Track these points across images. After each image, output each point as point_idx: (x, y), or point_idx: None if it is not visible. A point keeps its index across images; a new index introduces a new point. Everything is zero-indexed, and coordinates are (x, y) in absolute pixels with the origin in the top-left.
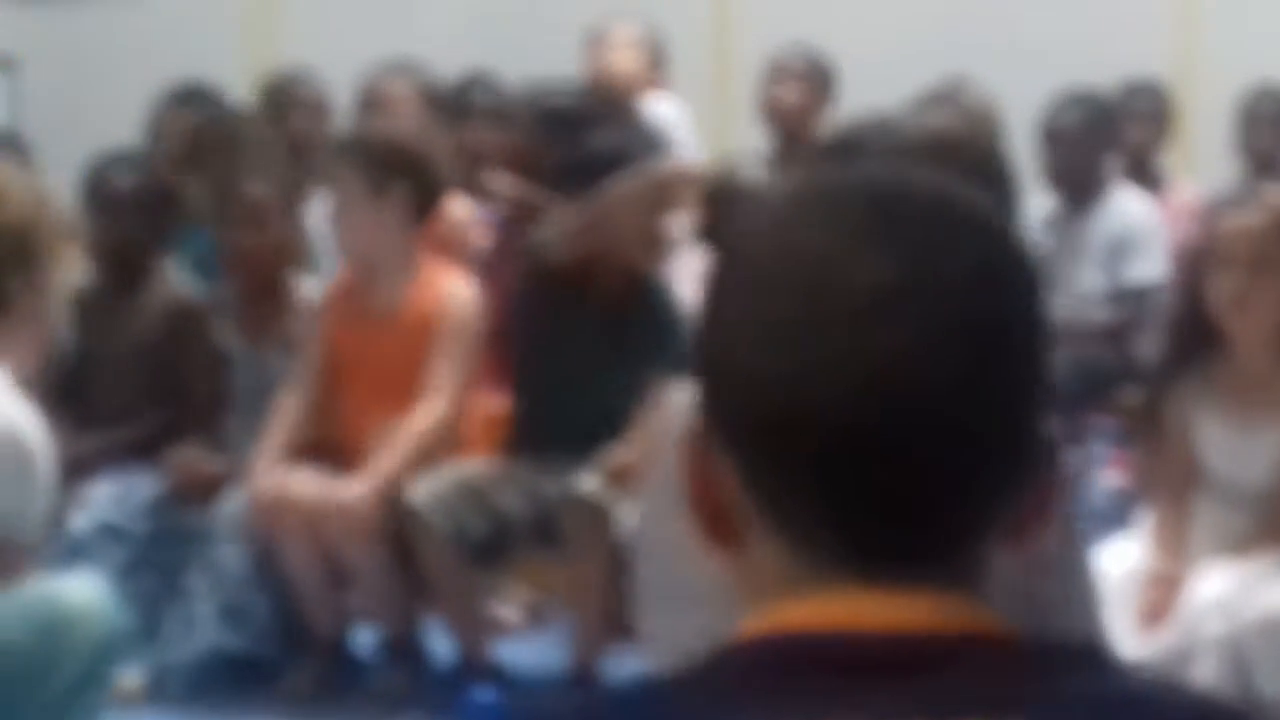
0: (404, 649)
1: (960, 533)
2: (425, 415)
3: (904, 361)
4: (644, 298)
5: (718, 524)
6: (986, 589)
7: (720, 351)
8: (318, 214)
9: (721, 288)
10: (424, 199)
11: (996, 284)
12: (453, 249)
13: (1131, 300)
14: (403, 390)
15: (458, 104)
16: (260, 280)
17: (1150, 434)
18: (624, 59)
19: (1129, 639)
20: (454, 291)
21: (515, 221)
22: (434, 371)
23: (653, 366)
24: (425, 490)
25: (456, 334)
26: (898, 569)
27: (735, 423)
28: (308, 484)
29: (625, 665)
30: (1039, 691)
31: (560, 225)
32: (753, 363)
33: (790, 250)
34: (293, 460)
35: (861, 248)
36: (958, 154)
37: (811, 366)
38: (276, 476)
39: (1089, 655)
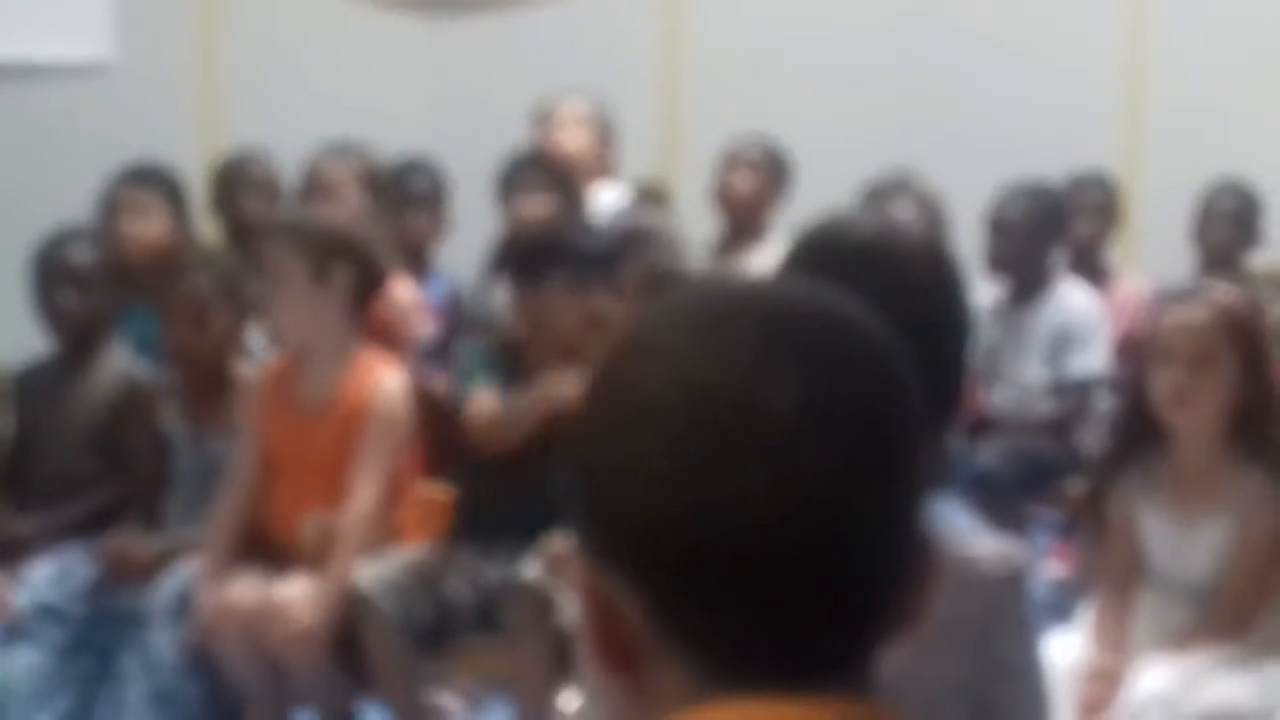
0: None
1: (864, 637)
2: (350, 514)
3: (816, 488)
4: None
5: (614, 648)
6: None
7: (615, 489)
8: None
9: (606, 418)
10: (364, 285)
11: (891, 396)
12: (395, 334)
13: (1073, 392)
14: (333, 483)
15: (397, 187)
16: (203, 371)
17: (1093, 527)
18: (573, 136)
19: None
20: (385, 384)
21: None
22: (358, 467)
23: None
24: (373, 576)
25: (382, 428)
26: (803, 677)
27: (638, 555)
28: (248, 591)
29: None
30: None
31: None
32: (661, 501)
33: (684, 381)
34: (230, 557)
35: (758, 377)
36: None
37: (725, 502)
38: (218, 590)
39: None
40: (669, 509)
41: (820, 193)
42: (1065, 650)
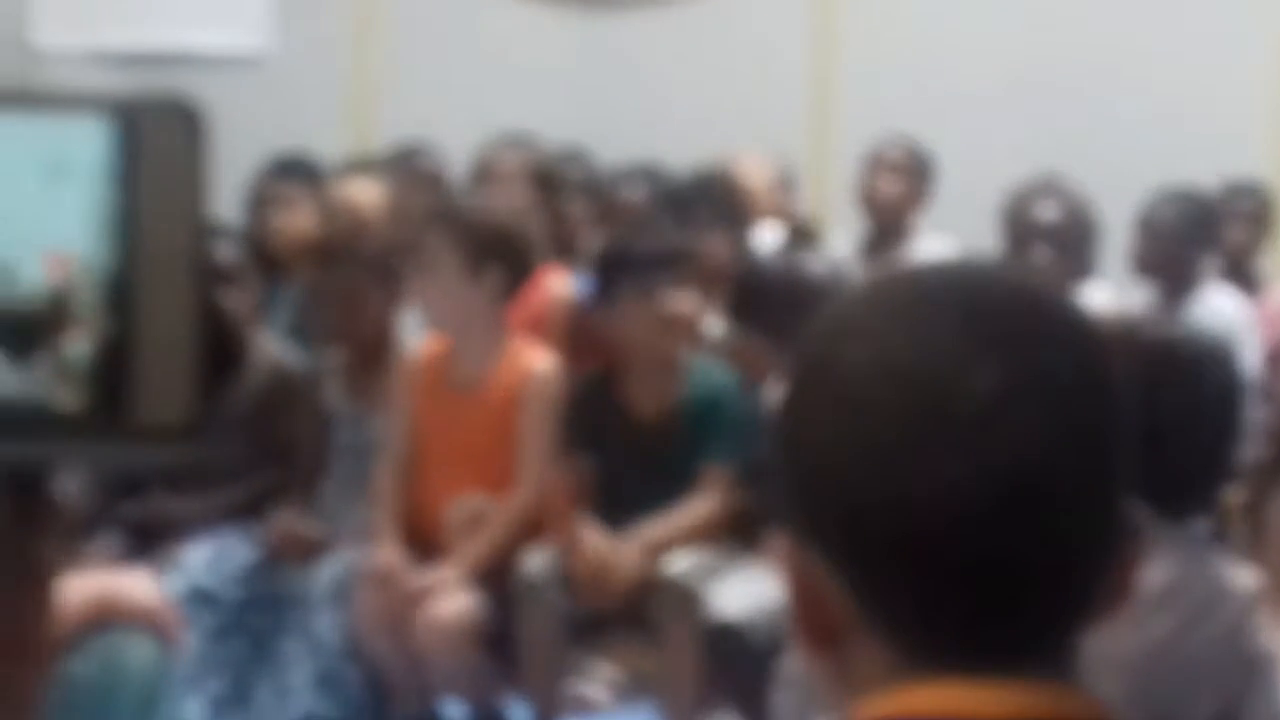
0: None
1: (1065, 621)
2: (515, 505)
3: (1019, 469)
4: (685, 398)
5: (817, 625)
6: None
7: (823, 472)
8: None
9: (813, 403)
10: (516, 279)
11: (1093, 378)
12: (547, 324)
13: None
14: (484, 466)
15: (555, 178)
16: (361, 352)
17: (1250, 536)
18: (753, 184)
19: None
20: (539, 368)
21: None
22: (524, 454)
23: (705, 455)
24: (539, 563)
25: (540, 413)
26: (1008, 660)
27: (843, 536)
28: (405, 575)
29: None
30: None
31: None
32: (863, 483)
33: (888, 366)
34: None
35: (961, 358)
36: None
37: (929, 487)
38: (388, 555)
39: None
40: (871, 491)
41: (966, 196)
42: None
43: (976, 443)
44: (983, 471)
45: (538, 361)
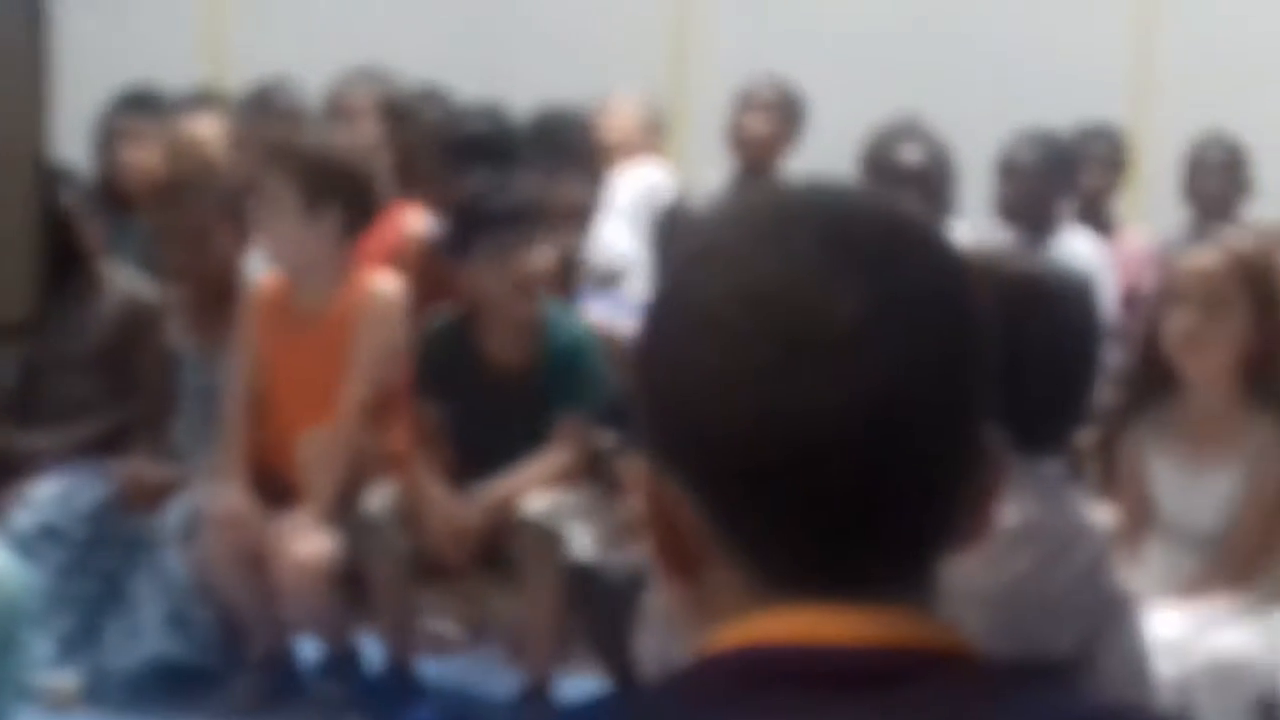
0: (343, 662)
1: (923, 548)
2: (337, 421)
3: (881, 392)
4: (541, 348)
5: (675, 554)
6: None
7: (681, 395)
8: None
9: (672, 328)
10: (357, 216)
11: (954, 298)
12: (400, 261)
13: None
14: (326, 400)
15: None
16: (208, 290)
17: (1103, 475)
18: (623, 126)
19: None
20: (380, 289)
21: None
22: (348, 378)
23: (563, 404)
24: (377, 503)
25: (374, 333)
26: (862, 586)
27: (702, 462)
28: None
29: (574, 685)
30: (1002, 707)
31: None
32: (723, 408)
33: (748, 290)
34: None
35: (823, 282)
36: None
37: (788, 412)
38: (235, 499)
39: (1052, 674)
40: (731, 416)
41: (830, 133)
42: None
43: (837, 367)
44: (843, 396)
45: (379, 283)
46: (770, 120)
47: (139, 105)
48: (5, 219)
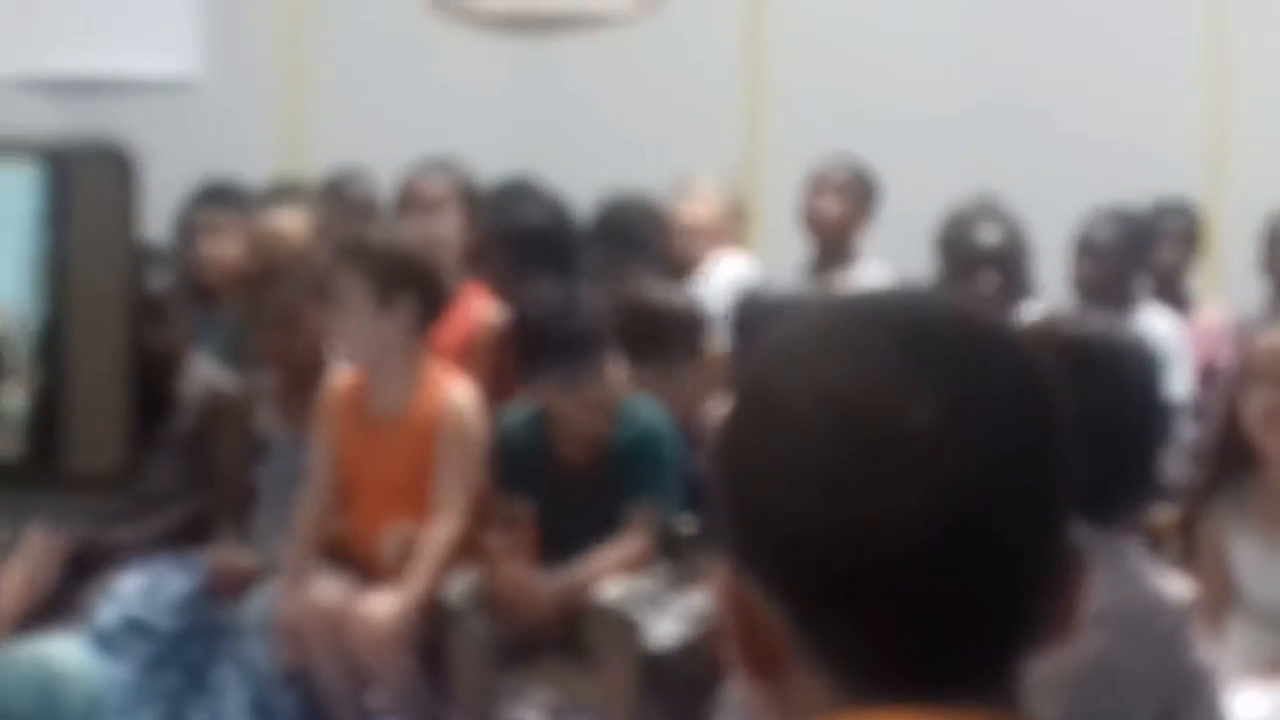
0: None
1: (1008, 650)
2: (439, 531)
3: (959, 496)
4: (615, 442)
5: (755, 655)
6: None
7: (761, 502)
8: None
9: (750, 429)
10: (429, 309)
11: (1032, 399)
12: (473, 349)
13: None
14: (411, 496)
15: (499, 206)
16: (298, 374)
17: (1183, 554)
18: (706, 210)
19: None
20: (454, 398)
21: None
22: (439, 483)
23: (636, 495)
24: (460, 591)
25: (456, 441)
26: (950, 690)
27: (781, 564)
28: (332, 600)
29: None
30: None
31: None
32: (804, 516)
33: (826, 392)
34: (311, 565)
35: (900, 385)
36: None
37: (868, 517)
38: (302, 592)
39: None
40: (809, 521)
41: (905, 214)
42: None
43: (916, 472)
44: (923, 501)
45: (455, 393)
46: (843, 202)
47: (218, 198)
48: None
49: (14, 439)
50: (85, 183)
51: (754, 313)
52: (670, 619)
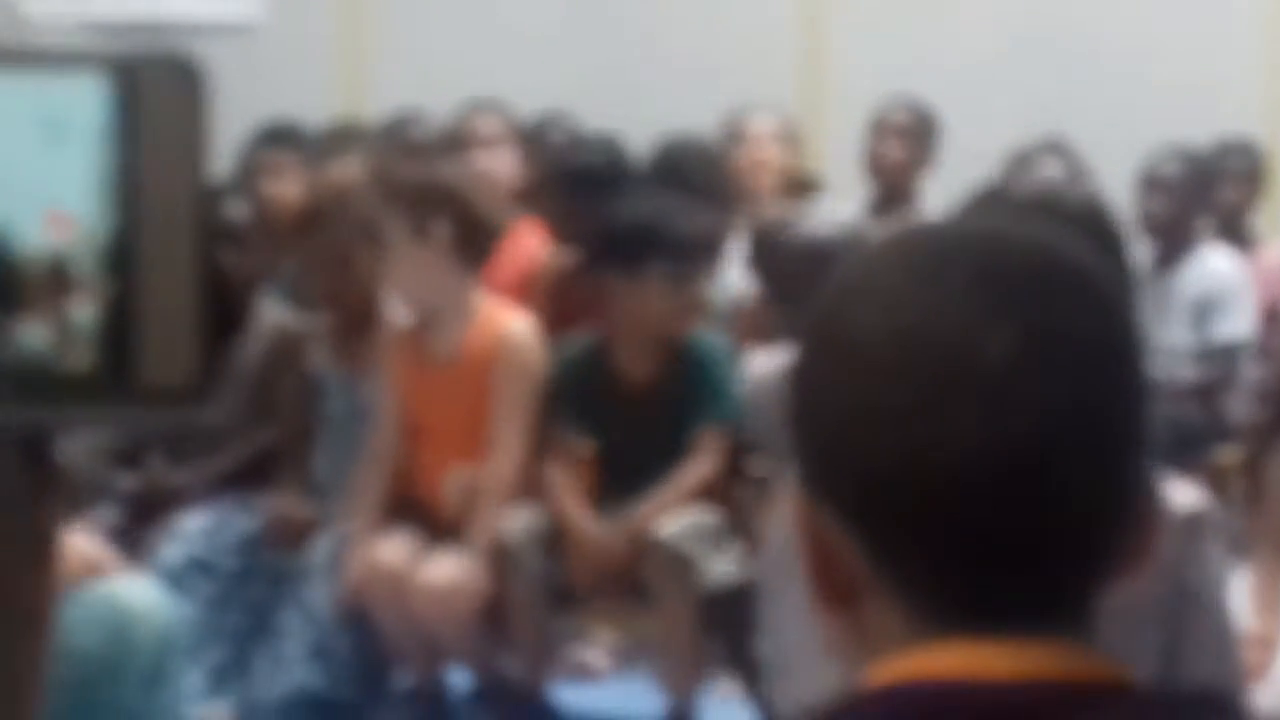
0: (495, 690)
1: (1081, 581)
2: (493, 475)
3: (1030, 432)
4: (679, 363)
5: (833, 585)
6: (1100, 631)
7: (834, 436)
8: None
9: (823, 364)
10: (469, 236)
11: (1109, 333)
12: (531, 285)
13: (1219, 358)
14: (473, 437)
15: (535, 142)
16: (351, 314)
17: (1249, 493)
18: (768, 152)
19: None
20: (510, 332)
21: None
22: (497, 421)
23: (701, 416)
24: (517, 528)
25: (513, 376)
26: (1022, 621)
27: (856, 497)
28: (398, 553)
29: (717, 710)
30: None
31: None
32: (876, 444)
33: (899, 327)
34: (380, 517)
35: (977, 318)
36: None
37: (942, 451)
38: (368, 550)
39: (1217, 704)
40: (884, 452)
41: (968, 157)
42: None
43: (990, 407)
44: (997, 436)
45: (511, 327)
46: (906, 145)
47: (279, 139)
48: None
49: (85, 351)
50: (155, 95)
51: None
52: (728, 558)
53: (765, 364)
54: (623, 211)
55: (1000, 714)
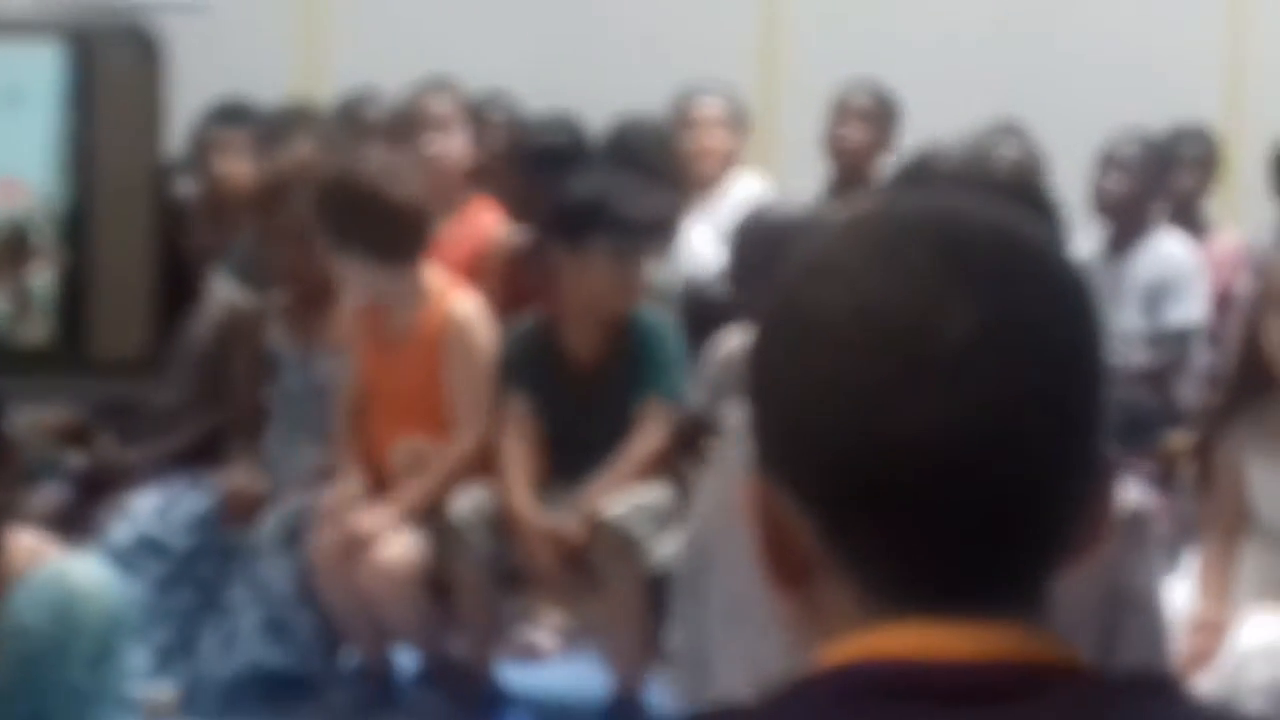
0: (442, 671)
1: (1035, 562)
2: (455, 447)
3: (991, 411)
4: (624, 339)
5: (786, 565)
6: (1052, 616)
7: (791, 410)
8: None
9: (783, 341)
10: (390, 236)
11: (1069, 315)
12: (483, 264)
13: (1171, 342)
14: (418, 410)
15: (476, 121)
16: (308, 290)
17: (1199, 478)
18: (715, 138)
19: None
20: (459, 310)
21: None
22: (457, 403)
23: (647, 391)
24: (465, 508)
25: (466, 357)
26: (977, 602)
27: (812, 475)
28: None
29: (665, 691)
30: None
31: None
32: (834, 422)
33: (860, 304)
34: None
35: (938, 298)
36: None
37: (901, 429)
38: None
39: (1161, 686)
40: (841, 430)
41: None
42: (1170, 601)
43: (949, 385)
44: (955, 414)
45: (458, 305)
46: (867, 129)
47: (231, 117)
48: (122, 256)
49: (42, 322)
50: (111, 65)
51: (759, 234)
52: (676, 539)
53: (730, 343)
54: (571, 189)
55: (954, 694)
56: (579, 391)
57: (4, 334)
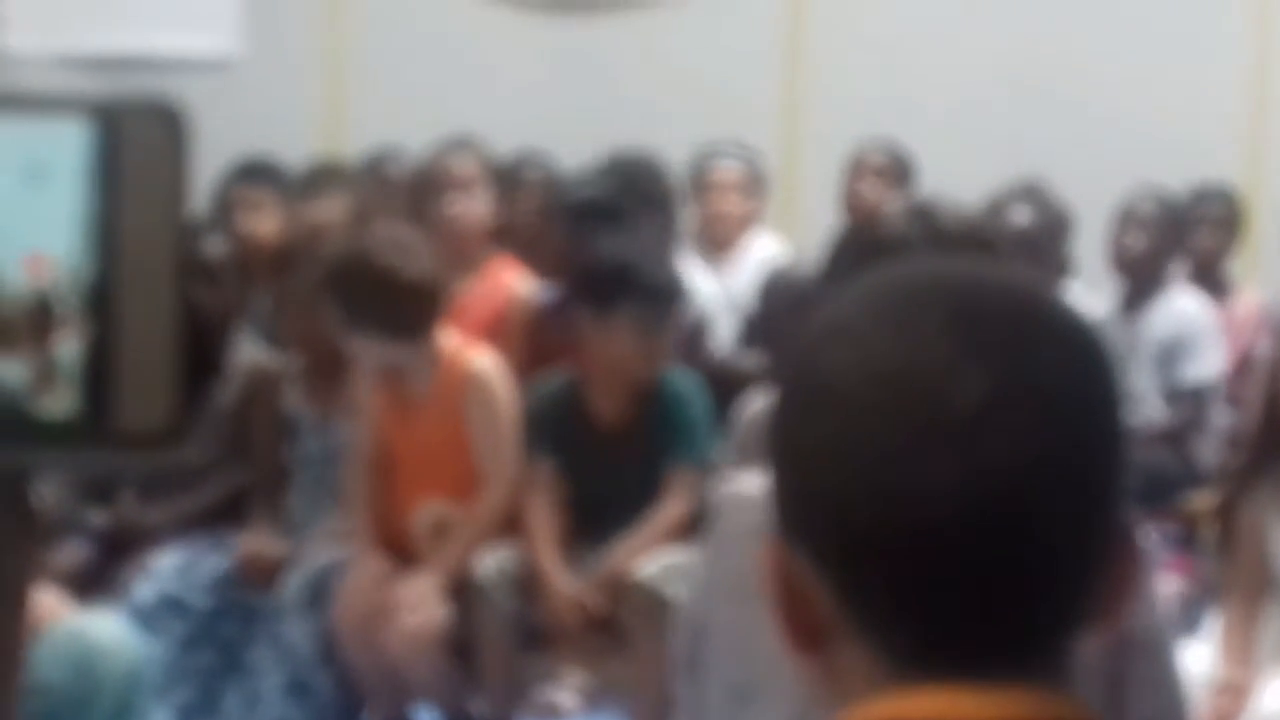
0: None
1: (1053, 626)
2: (483, 506)
3: (1003, 478)
4: (652, 403)
5: (804, 628)
6: (1075, 679)
7: (808, 474)
8: None
9: (799, 405)
10: (399, 313)
11: (1084, 378)
12: (506, 324)
13: (1187, 400)
14: (439, 472)
15: (511, 180)
16: (323, 355)
17: (1221, 539)
18: (731, 202)
19: None
20: (475, 370)
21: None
22: (484, 461)
23: (674, 455)
24: (490, 567)
25: (489, 415)
26: (996, 666)
27: (828, 539)
28: (366, 586)
29: None
30: None
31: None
32: (848, 488)
33: (874, 370)
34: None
35: (948, 364)
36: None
37: (915, 493)
38: (373, 565)
39: None
40: (857, 496)
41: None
42: (1191, 663)
43: (963, 449)
44: (969, 478)
45: (476, 364)
46: (881, 186)
47: (257, 175)
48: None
49: (67, 395)
50: (136, 138)
51: (780, 295)
52: None
53: (753, 406)
54: (597, 253)
55: None
56: (605, 453)
57: (27, 407)
